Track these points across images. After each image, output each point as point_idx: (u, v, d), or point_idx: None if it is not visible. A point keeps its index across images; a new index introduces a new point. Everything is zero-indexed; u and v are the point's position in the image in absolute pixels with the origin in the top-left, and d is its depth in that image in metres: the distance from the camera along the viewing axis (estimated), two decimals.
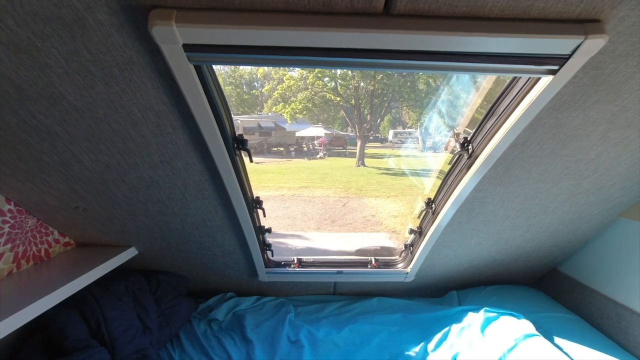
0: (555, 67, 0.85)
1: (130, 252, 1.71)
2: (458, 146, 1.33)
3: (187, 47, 0.78)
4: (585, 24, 0.75)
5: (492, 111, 1.16)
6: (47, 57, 0.81)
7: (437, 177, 1.78)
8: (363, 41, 0.77)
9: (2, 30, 0.74)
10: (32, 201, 1.38)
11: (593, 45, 0.77)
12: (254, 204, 1.61)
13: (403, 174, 8.19)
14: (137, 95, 0.94)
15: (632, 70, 0.88)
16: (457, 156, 1.37)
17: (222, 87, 1.07)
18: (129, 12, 0.73)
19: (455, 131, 1.44)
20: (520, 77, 1.00)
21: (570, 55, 0.81)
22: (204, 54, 0.80)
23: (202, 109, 0.97)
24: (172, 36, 0.73)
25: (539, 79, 0.93)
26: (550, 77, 0.88)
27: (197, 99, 0.93)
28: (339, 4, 0.72)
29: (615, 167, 1.32)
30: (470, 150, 1.31)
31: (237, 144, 1.26)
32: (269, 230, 1.81)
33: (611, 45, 0.81)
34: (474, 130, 1.29)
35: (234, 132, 1.24)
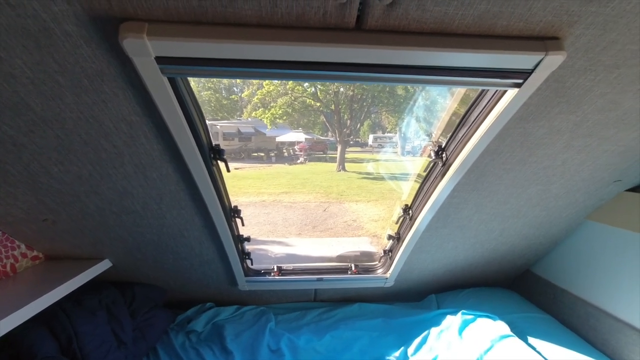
0: (520, 81, 0.89)
1: (104, 265, 1.65)
2: (433, 154, 1.36)
3: (160, 60, 0.77)
4: (546, 41, 0.79)
5: (464, 121, 1.20)
6: (11, 67, 0.78)
7: (416, 180, 1.82)
8: (336, 55, 0.78)
9: None
10: None
11: (553, 60, 0.81)
12: (232, 213, 1.59)
13: (383, 178, 8.30)
14: (108, 106, 0.92)
15: (590, 83, 0.94)
16: (432, 164, 1.40)
17: (199, 93, 1.06)
18: (99, 23, 0.71)
19: (433, 139, 1.47)
20: (488, 90, 1.04)
21: (533, 70, 0.85)
22: (177, 67, 0.80)
23: (177, 120, 0.96)
24: (144, 49, 0.72)
25: (505, 91, 0.97)
26: (515, 90, 0.92)
27: (171, 110, 0.92)
28: (312, 19, 0.73)
29: (580, 173, 1.38)
30: (444, 158, 1.35)
31: (213, 154, 1.25)
32: (247, 239, 1.80)
33: (570, 60, 0.85)
34: (447, 138, 1.32)
35: (210, 142, 1.23)
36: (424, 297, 2.24)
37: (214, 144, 1.25)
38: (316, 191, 7.05)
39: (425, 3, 0.70)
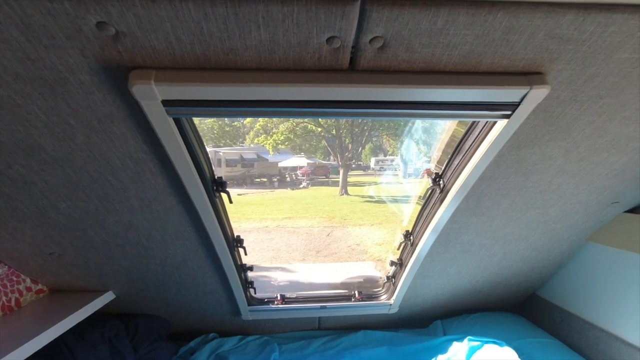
0: (509, 112, 0.93)
1: (108, 297, 1.66)
2: (430, 182, 1.40)
3: (166, 102, 0.82)
4: (529, 76, 0.84)
5: (458, 149, 1.24)
6: (26, 113, 0.84)
7: (418, 203, 1.84)
8: (331, 94, 0.83)
9: None
10: (4, 249, 1.35)
11: (538, 93, 0.86)
12: (235, 243, 1.61)
13: (386, 201, 8.29)
14: (116, 145, 0.97)
15: (577, 112, 0.97)
16: (430, 191, 1.43)
17: (202, 121, 1.10)
18: (110, 72, 0.77)
19: (432, 164, 1.51)
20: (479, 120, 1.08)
21: (520, 102, 0.89)
22: (181, 108, 0.84)
23: (181, 156, 1.00)
24: (152, 94, 0.77)
25: (496, 121, 1.01)
26: (505, 121, 0.96)
27: (175, 147, 0.96)
28: (308, 62, 0.78)
29: (576, 196, 1.40)
30: (441, 185, 1.37)
31: (216, 186, 1.28)
32: (250, 268, 1.80)
33: (555, 92, 0.90)
34: (443, 166, 1.36)
35: (213, 175, 1.27)
36: (430, 323, 2.20)
37: (216, 176, 1.29)
38: (319, 216, 7.04)
39: (413, 45, 0.76)
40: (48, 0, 0.61)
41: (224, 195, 1.37)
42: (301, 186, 9.32)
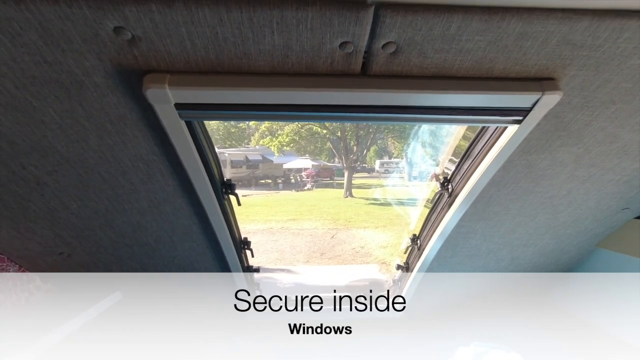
0: (520, 118, 0.92)
1: (115, 297, 1.67)
2: (439, 185, 1.39)
3: (179, 106, 0.82)
4: (542, 82, 0.83)
5: (468, 154, 1.24)
6: (42, 115, 0.85)
7: (426, 206, 1.83)
8: (343, 98, 0.83)
9: (1, 94, 0.77)
10: (15, 248, 1.36)
11: (550, 99, 0.85)
12: (242, 245, 1.62)
13: (391, 204, 8.27)
14: (128, 147, 0.98)
15: (589, 118, 0.97)
16: (438, 195, 1.43)
17: (208, 122, 1.11)
18: (124, 75, 0.77)
19: (439, 168, 1.50)
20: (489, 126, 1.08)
21: (531, 108, 0.89)
22: (194, 111, 0.85)
23: (192, 159, 1.00)
24: (165, 97, 0.78)
25: (506, 127, 1.00)
26: (516, 126, 0.96)
27: (187, 150, 0.97)
28: (321, 67, 0.79)
29: (586, 202, 1.39)
30: (450, 189, 1.37)
31: (225, 188, 1.29)
32: (257, 270, 1.81)
33: (567, 98, 0.89)
34: (452, 170, 1.35)
35: (222, 177, 1.27)
36: (436, 327, 2.18)
37: (225, 179, 1.29)
38: (324, 218, 7.03)
39: (425, 51, 0.76)
40: (67, 5, 0.62)
41: (232, 197, 1.38)
42: (306, 188, 9.32)
